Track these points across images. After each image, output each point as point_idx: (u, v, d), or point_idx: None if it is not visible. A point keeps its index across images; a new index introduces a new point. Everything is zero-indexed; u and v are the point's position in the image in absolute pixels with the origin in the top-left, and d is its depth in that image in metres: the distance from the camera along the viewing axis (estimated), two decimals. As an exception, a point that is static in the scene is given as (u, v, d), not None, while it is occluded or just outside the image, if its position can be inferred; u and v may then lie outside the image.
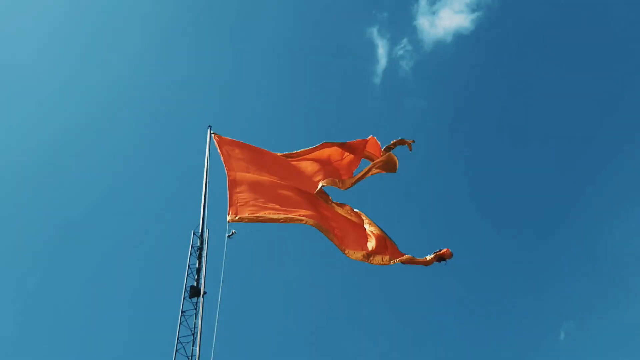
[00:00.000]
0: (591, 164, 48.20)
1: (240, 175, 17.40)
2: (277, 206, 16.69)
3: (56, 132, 45.09)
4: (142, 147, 45.68)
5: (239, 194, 16.77)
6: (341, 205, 17.95)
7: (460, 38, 47.80)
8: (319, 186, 17.71)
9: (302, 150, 19.04)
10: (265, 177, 17.69)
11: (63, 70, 46.10)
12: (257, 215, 16.30)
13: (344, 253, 16.49)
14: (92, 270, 40.56)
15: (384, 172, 18.60)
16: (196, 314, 15.71)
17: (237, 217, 16.13)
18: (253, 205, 16.54)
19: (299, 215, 16.45)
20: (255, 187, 17.20)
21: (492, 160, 50.56)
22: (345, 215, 17.66)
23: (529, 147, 50.20)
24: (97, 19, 47.36)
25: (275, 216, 16.33)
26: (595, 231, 45.97)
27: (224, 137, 18.60)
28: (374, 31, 47.94)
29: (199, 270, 16.46)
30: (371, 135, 18.83)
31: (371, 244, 16.75)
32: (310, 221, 16.36)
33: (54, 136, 44.84)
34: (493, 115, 51.10)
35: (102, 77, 45.77)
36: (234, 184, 17.03)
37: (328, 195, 18.09)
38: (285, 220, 16.33)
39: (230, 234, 15.92)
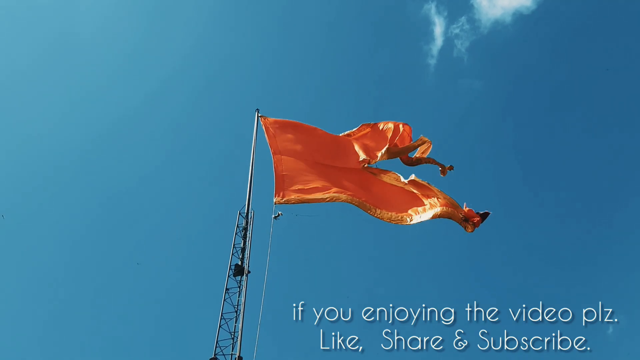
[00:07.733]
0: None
1: (287, 157, 17.76)
2: (323, 186, 17.06)
3: (105, 111, 46.31)
4: (190, 128, 46.47)
5: (285, 176, 17.21)
6: (386, 172, 18.11)
7: (520, 18, 46.47)
8: (366, 163, 18.04)
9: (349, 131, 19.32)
10: (311, 158, 18.05)
11: (116, 52, 47.23)
12: (303, 197, 16.71)
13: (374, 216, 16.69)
14: (140, 247, 41.74)
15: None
16: (240, 292, 16.15)
17: (283, 200, 16.60)
18: (299, 187, 16.95)
19: (346, 195, 16.81)
20: (301, 169, 17.54)
21: (547, 145, 49.37)
22: (394, 183, 17.79)
23: (587, 134, 48.76)
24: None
25: (321, 196, 16.73)
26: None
27: (272, 118, 18.98)
28: (432, 7, 47.16)
29: (243, 249, 16.90)
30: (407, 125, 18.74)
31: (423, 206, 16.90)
32: (356, 200, 16.68)
33: (103, 116, 46.10)
34: (552, 99, 49.76)
35: (153, 57, 46.70)
36: (280, 166, 17.43)
37: (376, 167, 18.26)
38: (332, 199, 16.67)
39: (277, 215, 16.42)
